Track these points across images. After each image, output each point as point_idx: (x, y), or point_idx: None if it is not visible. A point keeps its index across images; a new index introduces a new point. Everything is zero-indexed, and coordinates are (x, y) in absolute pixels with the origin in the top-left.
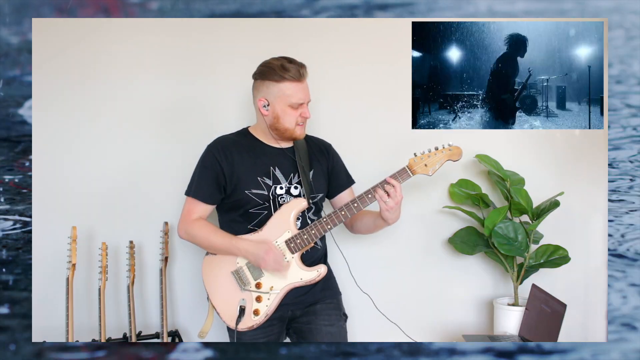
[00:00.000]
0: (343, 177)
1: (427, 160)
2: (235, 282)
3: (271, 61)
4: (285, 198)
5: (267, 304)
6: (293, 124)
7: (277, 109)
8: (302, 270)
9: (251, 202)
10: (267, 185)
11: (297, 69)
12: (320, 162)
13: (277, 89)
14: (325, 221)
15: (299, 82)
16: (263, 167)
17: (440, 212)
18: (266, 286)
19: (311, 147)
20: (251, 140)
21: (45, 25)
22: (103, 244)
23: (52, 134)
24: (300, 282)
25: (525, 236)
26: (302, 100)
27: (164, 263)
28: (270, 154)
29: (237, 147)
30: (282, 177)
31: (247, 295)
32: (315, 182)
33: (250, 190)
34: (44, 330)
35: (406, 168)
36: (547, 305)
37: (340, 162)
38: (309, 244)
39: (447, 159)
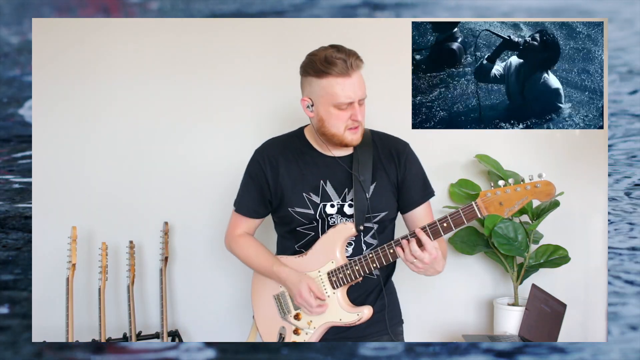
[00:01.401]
0: (417, 189)
1: (503, 196)
2: (277, 307)
3: (317, 51)
4: (335, 219)
5: (305, 339)
6: (342, 129)
7: (321, 110)
8: (342, 310)
9: (295, 220)
10: (313, 203)
11: (345, 60)
12: (387, 172)
13: (320, 87)
14: (370, 258)
15: (346, 76)
16: (312, 180)
17: (440, 212)
18: (304, 320)
19: (378, 151)
20: (302, 145)
21: (45, 25)
22: (103, 244)
23: (52, 134)
24: (339, 322)
25: (525, 236)
26: (350, 99)
27: (164, 263)
28: (321, 164)
29: (285, 154)
30: (333, 193)
31: (287, 324)
32: (377, 198)
33: (294, 209)
34: (44, 330)
35: (474, 206)
36: (547, 305)
37: (416, 169)
38: (352, 280)
39: (533, 199)
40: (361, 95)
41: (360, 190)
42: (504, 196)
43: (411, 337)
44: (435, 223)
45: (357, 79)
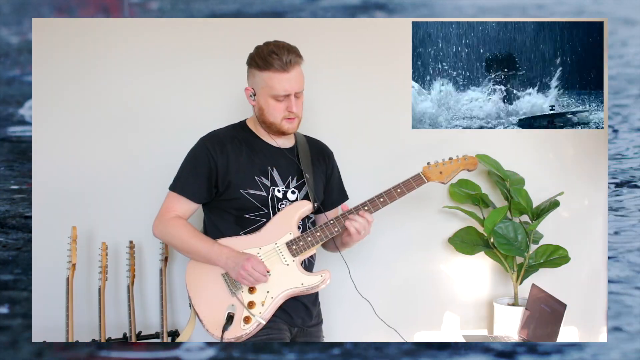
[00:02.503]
0: (336, 192)
1: (442, 168)
2: (226, 285)
3: (261, 46)
4: (284, 204)
5: (261, 310)
6: (279, 118)
7: (261, 100)
8: (303, 275)
9: (247, 204)
10: (265, 186)
11: (283, 58)
12: (320, 168)
13: (261, 79)
14: (332, 223)
15: (284, 72)
16: (261, 165)
17: (440, 212)
18: (262, 291)
19: (313, 150)
20: (248, 135)
21: (45, 25)
22: (103, 244)
23: (52, 134)
24: (301, 287)
25: (525, 236)
26: (286, 92)
27: (164, 263)
28: (268, 153)
29: (233, 142)
30: (279, 179)
31: (237, 301)
32: (316, 188)
33: (247, 190)
34: (44, 330)
35: (421, 175)
36: (547, 305)
37: (338, 175)
38: (313, 246)
39: (463, 168)
40: (297, 88)
41: (311, 175)
42: (442, 167)
43: (411, 337)
44: (389, 189)
45: (295, 74)
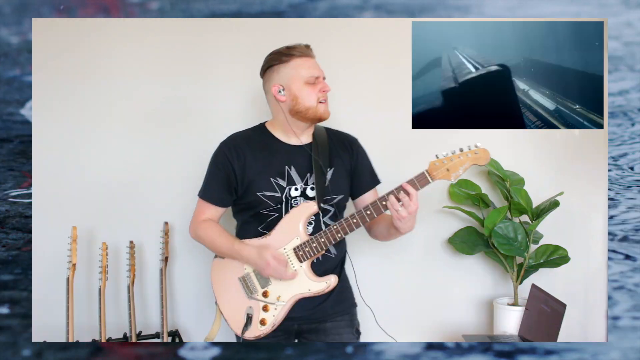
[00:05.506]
0: (367, 176)
1: (449, 164)
2: (242, 288)
3: (273, 50)
4: (298, 201)
5: (274, 314)
6: (314, 102)
7: (294, 89)
8: (310, 281)
9: (262, 204)
10: (280, 186)
11: (302, 46)
12: (342, 159)
13: (289, 69)
14: (335, 229)
15: (308, 57)
16: (277, 166)
17: (440, 212)
18: (273, 295)
19: (333, 142)
20: (266, 137)
21: (45, 25)
22: (103, 244)
23: (52, 134)
24: (308, 293)
25: (525, 236)
26: (317, 74)
27: (164, 263)
28: (286, 152)
29: (251, 144)
30: (297, 177)
31: (254, 303)
32: (334, 183)
33: (263, 192)
34: (44, 330)
35: (425, 173)
36: (547, 305)
37: (366, 160)
38: (318, 252)
39: (473, 164)
40: (323, 74)
41: (321, 173)
42: (449, 163)
43: (411, 337)
44: (399, 185)
45: (315, 61)
